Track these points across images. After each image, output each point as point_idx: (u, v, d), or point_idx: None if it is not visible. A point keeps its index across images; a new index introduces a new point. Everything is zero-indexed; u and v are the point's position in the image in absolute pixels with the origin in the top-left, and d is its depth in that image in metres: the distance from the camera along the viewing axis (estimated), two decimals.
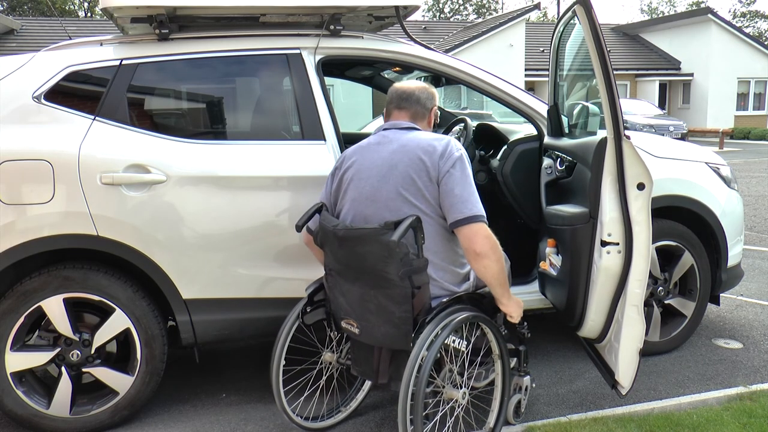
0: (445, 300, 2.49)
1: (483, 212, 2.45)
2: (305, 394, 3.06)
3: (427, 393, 2.47)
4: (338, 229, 2.49)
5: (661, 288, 3.58)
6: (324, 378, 3.07)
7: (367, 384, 3.08)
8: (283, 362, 2.78)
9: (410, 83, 2.76)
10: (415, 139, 2.52)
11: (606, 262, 2.72)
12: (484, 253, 2.42)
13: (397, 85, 2.75)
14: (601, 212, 2.72)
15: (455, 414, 2.53)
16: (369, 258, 2.41)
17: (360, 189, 2.55)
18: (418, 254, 2.38)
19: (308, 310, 2.78)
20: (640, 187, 2.67)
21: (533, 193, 3.44)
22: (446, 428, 2.52)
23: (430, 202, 2.46)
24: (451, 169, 2.44)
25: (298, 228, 2.70)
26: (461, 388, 2.51)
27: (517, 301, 2.67)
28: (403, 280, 2.35)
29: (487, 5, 47.12)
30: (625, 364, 2.76)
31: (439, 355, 2.42)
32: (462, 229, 2.42)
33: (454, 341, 2.46)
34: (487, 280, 2.52)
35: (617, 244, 2.70)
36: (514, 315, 2.65)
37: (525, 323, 2.84)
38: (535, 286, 3.39)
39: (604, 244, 2.71)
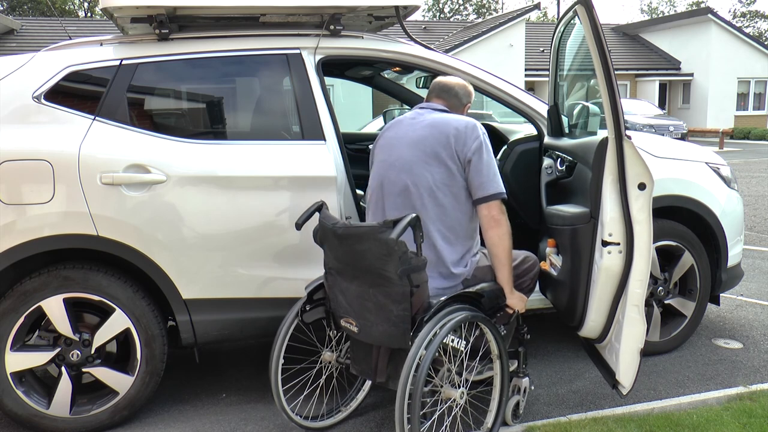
0: (443, 300, 2.49)
1: (504, 190, 2.70)
2: (305, 394, 3.06)
3: (425, 392, 2.48)
4: (337, 227, 2.51)
5: (661, 288, 3.58)
6: (324, 377, 3.07)
7: (368, 384, 3.08)
8: (282, 361, 2.78)
9: (452, 79, 2.97)
10: (445, 118, 2.75)
11: (607, 262, 2.72)
12: (502, 222, 2.66)
13: (441, 78, 2.99)
14: (601, 212, 2.72)
15: (453, 414, 2.53)
16: (368, 256, 2.41)
17: (389, 154, 2.77)
18: (417, 253, 2.38)
19: (307, 309, 2.79)
20: (641, 186, 2.67)
21: (533, 193, 3.44)
22: (444, 428, 2.52)
23: (452, 173, 2.66)
24: (477, 150, 2.68)
25: (298, 226, 2.73)
26: (459, 387, 2.51)
27: (521, 294, 2.73)
28: (401, 279, 2.35)
29: (487, 5, 47.13)
30: (626, 364, 2.75)
31: (437, 354, 2.42)
32: (486, 204, 2.66)
33: (452, 341, 2.46)
34: (497, 255, 2.66)
35: (618, 244, 2.70)
36: (517, 306, 2.72)
37: (524, 325, 2.84)
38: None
39: (604, 244, 2.71)
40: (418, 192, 2.65)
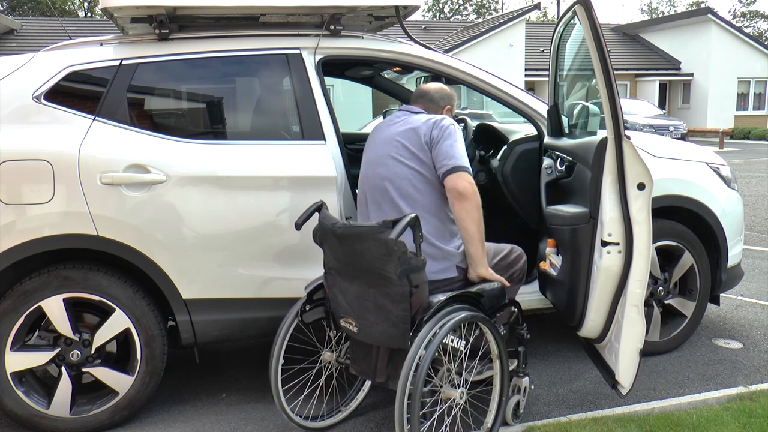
0: (442, 298, 2.49)
1: (468, 166, 2.71)
2: (305, 394, 3.06)
3: (425, 392, 2.48)
4: (337, 227, 2.51)
5: (661, 288, 3.58)
6: (323, 377, 3.07)
7: (368, 384, 3.08)
8: (281, 361, 2.78)
9: (430, 84, 3.10)
10: (417, 117, 2.88)
11: (606, 262, 2.72)
12: (467, 194, 2.64)
13: (421, 85, 3.14)
14: (601, 212, 2.72)
15: (453, 413, 2.53)
16: (367, 256, 2.42)
17: (368, 153, 2.93)
18: (417, 253, 2.38)
19: (307, 309, 2.79)
20: (641, 187, 2.67)
21: (533, 193, 3.44)
22: (444, 428, 2.52)
23: (424, 162, 2.75)
24: (441, 135, 2.76)
25: (298, 226, 2.74)
26: (459, 387, 2.51)
27: (492, 273, 2.73)
28: (401, 279, 2.36)
29: (487, 5, 47.12)
30: (626, 364, 2.75)
31: (437, 354, 2.42)
32: (449, 177, 2.68)
33: (452, 341, 2.46)
34: (467, 228, 2.65)
35: (617, 244, 2.70)
36: (488, 277, 2.70)
37: (524, 324, 2.84)
38: (535, 286, 3.39)
39: (604, 244, 2.71)
40: (394, 184, 2.75)
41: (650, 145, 3.58)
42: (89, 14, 39.01)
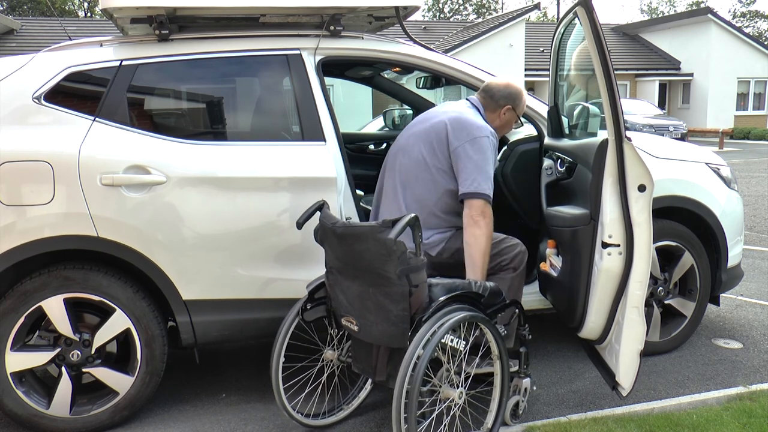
0: (442, 300, 2.49)
1: (488, 191, 2.87)
2: (306, 392, 3.06)
3: (424, 392, 2.49)
4: (337, 227, 2.52)
5: (661, 288, 3.58)
6: (325, 375, 3.08)
7: (370, 382, 3.08)
8: (282, 359, 2.78)
9: (499, 79, 3.21)
10: (459, 114, 3.01)
11: (607, 264, 2.72)
12: (479, 224, 2.83)
13: (494, 78, 3.28)
14: (601, 214, 2.72)
15: (452, 413, 2.53)
16: (367, 256, 2.42)
17: (399, 139, 3.15)
18: (416, 252, 2.39)
19: (308, 307, 2.79)
20: (641, 188, 2.67)
21: (533, 194, 3.44)
22: (443, 427, 2.52)
23: (442, 162, 2.93)
24: (466, 143, 2.89)
25: (299, 226, 2.75)
26: (458, 387, 2.51)
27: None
28: (400, 279, 2.36)
29: (487, 5, 47.11)
30: (626, 365, 2.75)
31: (436, 354, 2.42)
32: (467, 201, 2.87)
33: (452, 340, 2.46)
34: (470, 254, 2.83)
35: (618, 245, 2.70)
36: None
37: (526, 325, 2.84)
38: (535, 286, 3.39)
39: (605, 245, 2.71)
40: (406, 162, 3.01)
41: (650, 145, 3.59)
42: (89, 14, 39.01)
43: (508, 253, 3.05)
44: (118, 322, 2.91)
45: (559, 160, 3.21)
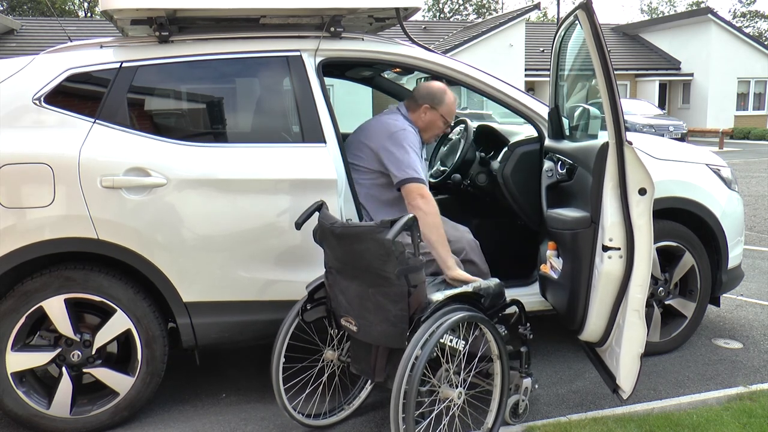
0: (441, 299, 2.49)
1: (415, 174, 3.01)
2: (306, 392, 3.06)
3: (423, 392, 2.49)
4: (335, 227, 2.53)
5: (661, 288, 3.58)
6: (326, 376, 3.08)
7: (370, 382, 3.08)
8: (282, 359, 2.79)
9: (430, 82, 3.34)
10: (374, 119, 3.30)
11: (607, 267, 2.72)
12: (418, 206, 2.95)
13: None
14: (602, 217, 2.72)
15: (451, 413, 2.53)
16: (366, 256, 2.43)
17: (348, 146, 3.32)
18: (415, 253, 2.39)
19: (308, 308, 2.80)
20: (642, 192, 2.67)
21: (534, 195, 3.44)
22: (442, 427, 2.53)
23: (370, 159, 3.17)
24: (388, 139, 3.10)
25: (298, 226, 2.75)
26: (457, 387, 2.52)
27: (461, 273, 2.87)
28: (399, 279, 2.36)
29: (487, 5, 47.11)
30: (627, 368, 2.76)
31: (435, 354, 2.43)
32: (402, 188, 3.03)
33: (451, 340, 2.47)
34: (426, 235, 2.87)
35: (618, 248, 2.70)
36: (458, 277, 2.84)
37: (527, 324, 2.84)
38: (535, 288, 3.39)
39: (605, 248, 2.71)
40: (354, 169, 3.19)
41: (651, 147, 3.59)
42: (89, 15, 39.02)
43: (459, 253, 3.14)
44: (119, 322, 2.91)
45: (559, 162, 3.21)
